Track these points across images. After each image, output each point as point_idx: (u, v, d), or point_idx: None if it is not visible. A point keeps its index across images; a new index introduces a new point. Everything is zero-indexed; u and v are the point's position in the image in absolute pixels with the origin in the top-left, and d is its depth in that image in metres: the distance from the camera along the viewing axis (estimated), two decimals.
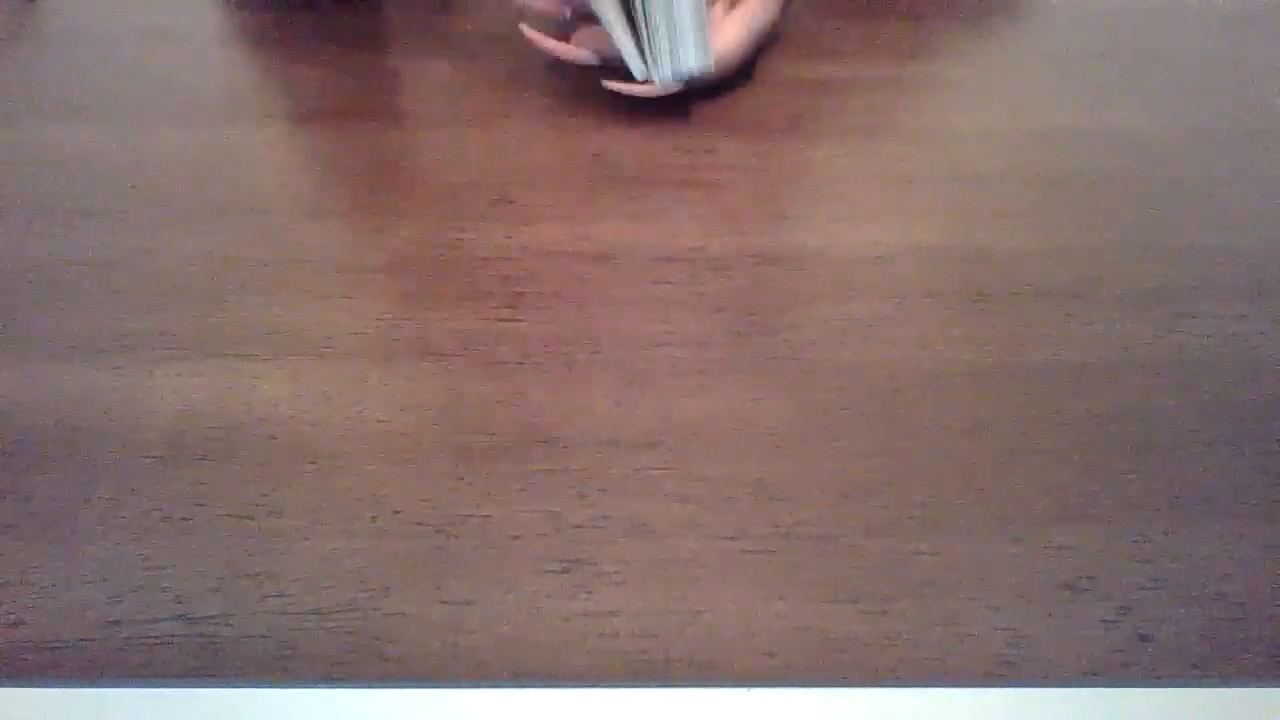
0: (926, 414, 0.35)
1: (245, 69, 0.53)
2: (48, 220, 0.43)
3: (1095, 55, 0.55)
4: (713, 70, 0.46)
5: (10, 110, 0.49)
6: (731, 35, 0.49)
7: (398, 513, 0.32)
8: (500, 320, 0.38)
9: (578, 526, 0.31)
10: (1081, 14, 0.59)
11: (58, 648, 0.28)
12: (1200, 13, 0.59)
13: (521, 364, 0.36)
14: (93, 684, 0.28)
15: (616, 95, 0.48)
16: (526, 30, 0.50)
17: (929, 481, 0.33)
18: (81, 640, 0.28)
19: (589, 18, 0.48)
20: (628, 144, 0.48)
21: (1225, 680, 0.28)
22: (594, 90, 0.48)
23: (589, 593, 0.30)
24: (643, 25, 0.45)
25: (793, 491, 0.32)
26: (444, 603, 0.29)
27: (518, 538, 0.31)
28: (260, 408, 0.35)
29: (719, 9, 0.49)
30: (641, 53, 0.45)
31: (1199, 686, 0.28)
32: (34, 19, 0.56)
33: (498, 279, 0.40)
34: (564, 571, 0.30)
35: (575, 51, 0.49)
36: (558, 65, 0.51)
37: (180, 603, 0.29)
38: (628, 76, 0.47)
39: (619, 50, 0.46)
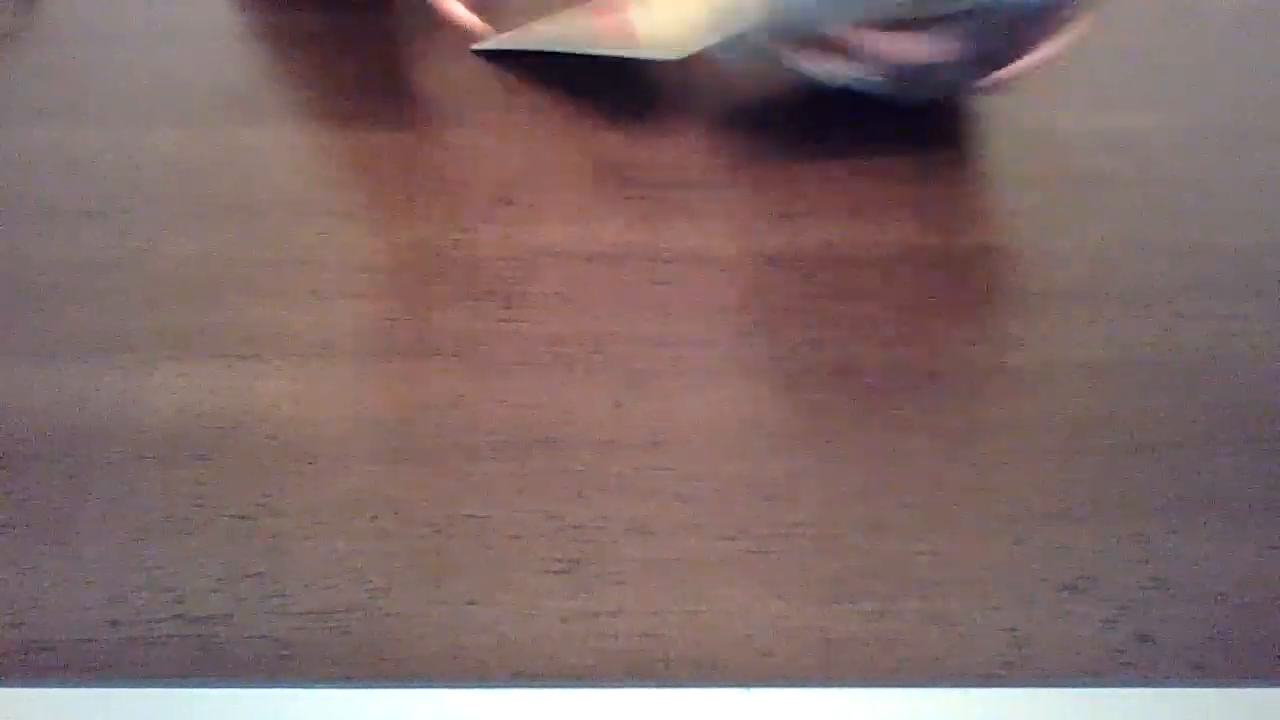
0: (926, 414, 0.35)
1: (245, 69, 0.53)
2: (48, 220, 0.43)
3: (1095, 55, 0.55)
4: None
5: (11, 110, 0.49)
6: None
7: (398, 513, 0.32)
8: (500, 320, 0.38)
9: (578, 526, 0.31)
10: None
11: (58, 648, 0.28)
12: (1200, 13, 0.59)
13: (521, 364, 0.36)
14: (93, 684, 0.28)
15: (615, 94, 0.48)
16: None
17: (929, 481, 0.33)
18: (81, 640, 0.28)
19: None
20: (628, 144, 0.48)
21: (1225, 680, 0.28)
22: (595, 91, 0.49)
23: (589, 593, 0.30)
24: None
25: (793, 491, 0.32)
26: (444, 603, 0.29)
27: (518, 538, 0.31)
28: (260, 408, 0.35)
29: None
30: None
31: (1199, 686, 0.28)
32: (34, 19, 0.56)
33: (498, 279, 0.40)
34: (564, 571, 0.30)
35: (463, 14, 0.48)
36: (541, 60, 0.51)
37: (180, 603, 0.29)
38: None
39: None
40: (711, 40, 0.45)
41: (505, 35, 0.52)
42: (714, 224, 0.43)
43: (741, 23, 0.44)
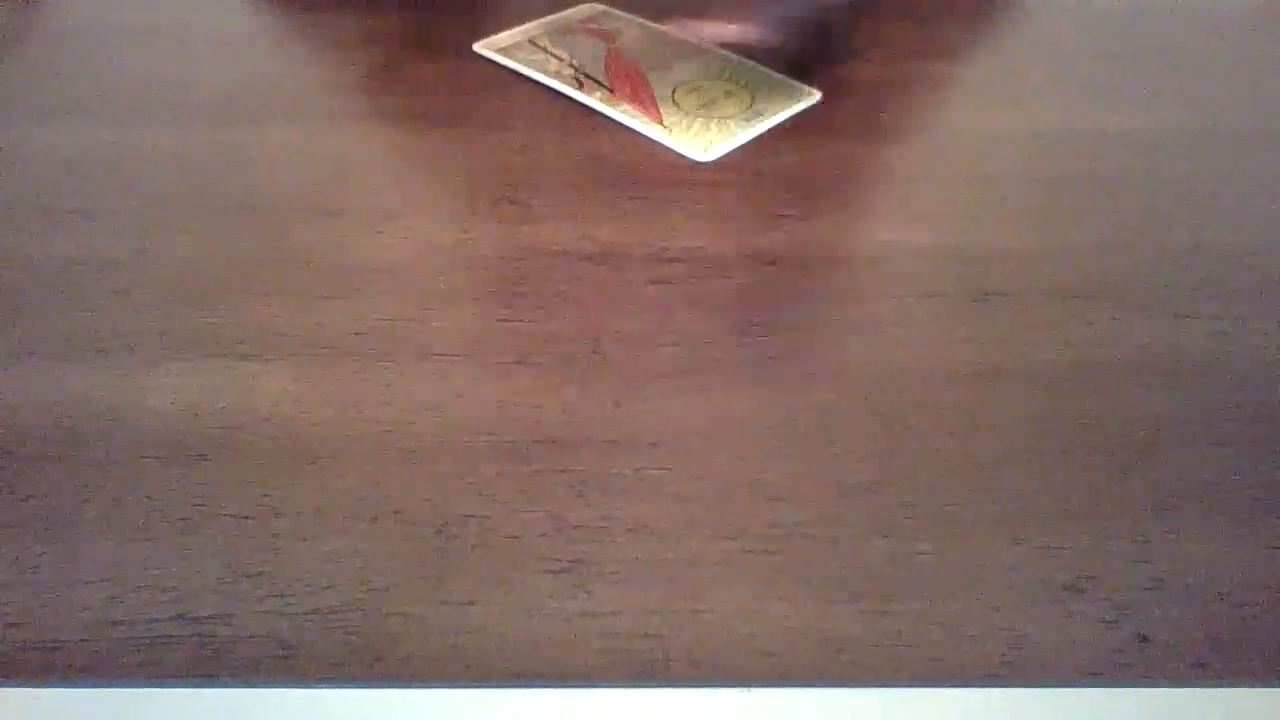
0: (926, 414, 0.35)
1: (245, 69, 0.53)
2: (48, 220, 0.43)
3: (1095, 55, 0.55)
4: None
5: (10, 110, 0.49)
6: None
7: (398, 513, 0.32)
8: (500, 320, 0.38)
9: (578, 526, 0.31)
10: (1081, 14, 0.59)
11: (58, 648, 0.28)
12: (1200, 13, 0.59)
13: (521, 364, 0.36)
14: (93, 684, 0.28)
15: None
16: None
17: (929, 481, 0.33)
18: (81, 640, 0.28)
19: None
20: (628, 144, 0.48)
21: (1225, 680, 0.28)
22: None
23: (589, 593, 0.30)
24: None
25: (793, 491, 0.32)
26: (444, 603, 0.29)
27: (518, 538, 0.31)
28: (260, 408, 0.35)
29: None
30: None
31: (1199, 686, 0.28)
32: (34, 19, 0.56)
33: (498, 279, 0.40)
34: (564, 571, 0.30)
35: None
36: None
37: (180, 603, 0.29)
38: None
39: None
40: (744, 139, 0.48)
41: (506, 41, 0.53)
42: (714, 224, 0.43)
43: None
